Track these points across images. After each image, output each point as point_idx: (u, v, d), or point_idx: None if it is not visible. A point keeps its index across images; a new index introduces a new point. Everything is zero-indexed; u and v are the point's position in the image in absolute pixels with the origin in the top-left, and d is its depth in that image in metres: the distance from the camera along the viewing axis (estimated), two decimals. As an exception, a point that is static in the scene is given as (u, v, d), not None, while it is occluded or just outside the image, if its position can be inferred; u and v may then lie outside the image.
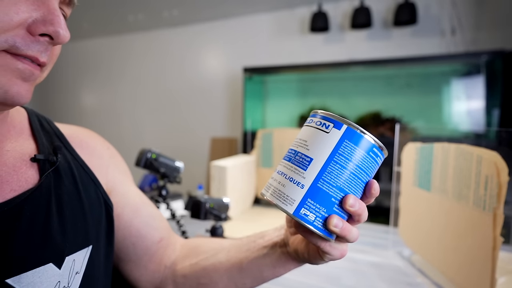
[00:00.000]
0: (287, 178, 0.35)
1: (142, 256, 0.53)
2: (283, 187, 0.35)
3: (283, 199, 0.35)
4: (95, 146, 0.52)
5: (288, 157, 0.37)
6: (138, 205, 0.54)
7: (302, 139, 0.36)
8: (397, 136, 0.97)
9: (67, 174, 0.44)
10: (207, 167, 3.31)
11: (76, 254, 0.41)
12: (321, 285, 0.81)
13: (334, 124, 0.35)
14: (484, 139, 1.89)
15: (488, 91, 2.15)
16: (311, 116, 0.38)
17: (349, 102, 2.72)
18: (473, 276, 0.66)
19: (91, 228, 0.44)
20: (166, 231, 0.57)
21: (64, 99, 4.33)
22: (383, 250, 1.03)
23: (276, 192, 0.35)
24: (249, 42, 3.12)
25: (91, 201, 0.46)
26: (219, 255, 0.50)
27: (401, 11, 2.31)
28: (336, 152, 0.34)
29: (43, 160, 0.42)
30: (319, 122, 0.36)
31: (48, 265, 0.38)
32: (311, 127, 0.36)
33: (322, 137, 0.35)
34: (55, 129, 0.48)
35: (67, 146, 0.47)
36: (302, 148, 0.35)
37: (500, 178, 0.59)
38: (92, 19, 3.31)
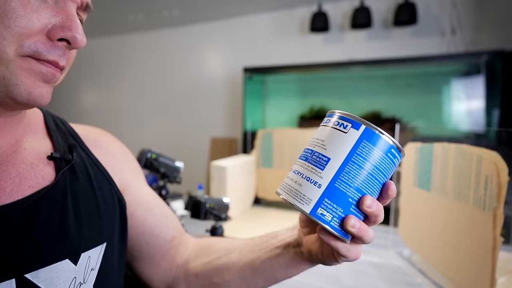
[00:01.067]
0: (304, 178, 0.35)
1: (155, 255, 0.54)
2: (299, 186, 0.35)
3: (299, 198, 0.35)
4: (108, 146, 0.54)
5: (304, 156, 0.37)
6: (151, 204, 0.55)
7: (319, 139, 0.36)
8: (397, 136, 0.97)
9: (82, 172, 0.45)
10: (207, 167, 3.31)
11: (91, 250, 0.42)
12: (321, 285, 0.81)
13: (352, 124, 0.35)
14: (484, 139, 1.89)
15: (488, 91, 2.15)
16: (328, 116, 0.38)
17: (349, 102, 2.72)
18: (473, 276, 0.66)
19: (105, 225, 0.45)
20: (178, 230, 0.58)
21: (64, 99, 4.33)
22: (383, 250, 1.03)
23: (293, 191, 0.35)
24: (249, 42, 3.12)
25: (106, 199, 0.47)
26: (231, 255, 0.51)
27: (401, 11, 2.31)
28: (354, 152, 0.34)
29: (59, 158, 0.43)
30: (337, 122, 0.35)
31: (65, 261, 0.39)
32: (328, 127, 0.36)
33: (340, 137, 0.35)
34: (70, 128, 0.50)
35: (81, 145, 0.48)
36: (320, 148, 0.35)
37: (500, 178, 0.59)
38: (92, 19, 3.31)
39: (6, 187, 0.38)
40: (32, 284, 0.36)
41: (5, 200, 0.37)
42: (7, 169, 0.39)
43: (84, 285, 0.41)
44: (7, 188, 0.38)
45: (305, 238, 0.44)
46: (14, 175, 0.39)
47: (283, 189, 0.37)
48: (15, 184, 0.38)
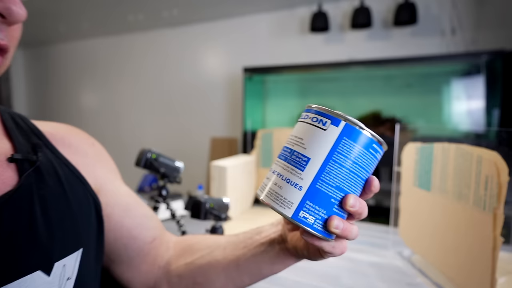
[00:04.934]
0: (284, 179, 0.33)
1: (135, 257, 0.51)
2: (279, 188, 0.33)
3: (280, 202, 0.33)
4: (78, 144, 0.49)
5: (283, 155, 0.34)
6: (130, 204, 0.52)
7: (298, 137, 0.34)
8: (397, 136, 0.97)
9: (50, 173, 0.40)
10: (207, 167, 3.31)
11: (67, 258, 0.38)
12: (321, 285, 0.81)
13: (331, 121, 0.33)
14: (484, 139, 1.89)
15: (488, 91, 2.15)
16: (306, 111, 0.35)
17: (349, 102, 2.72)
18: (473, 276, 0.66)
19: (81, 229, 0.42)
20: (159, 230, 0.55)
21: (63, 99, 4.33)
22: (383, 250, 1.02)
23: (273, 194, 0.33)
24: (249, 42, 3.12)
25: (79, 201, 0.42)
26: (215, 253, 0.49)
27: (401, 11, 2.31)
28: (334, 150, 0.32)
29: (21, 160, 0.38)
30: (315, 118, 0.33)
31: (36, 273, 0.35)
32: (306, 123, 0.34)
33: (319, 134, 0.33)
34: (32, 126, 0.44)
35: (47, 144, 0.43)
36: (298, 147, 0.33)
37: (500, 178, 0.59)
38: (92, 19, 3.31)
39: None
40: None
41: None
42: None
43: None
44: None
45: (290, 234, 0.43)
46: None
47: (262, 190, 0.35)
48: None
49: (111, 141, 3.91)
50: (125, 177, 0.59)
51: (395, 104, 2.58)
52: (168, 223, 1.23)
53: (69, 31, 3.69)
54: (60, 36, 3.95)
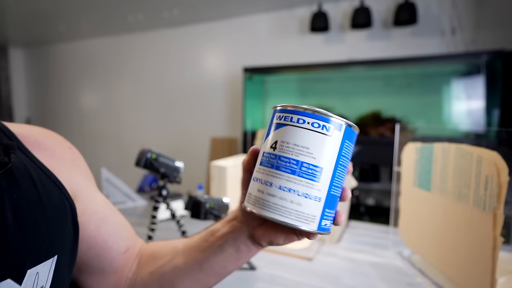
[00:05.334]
0: (301, 195, 0.32)
1: (106, 268, 0.49)
2: (299, 206, 0.32)
3: (304, 219, 0.32)
4: (54, 147, 0.46)
5: (288, 168, 0.32)
6: (106, 212, 0.49)
7: (303, 146, 0.32)
8: (397, 136, 0.97)
9: (24, 176, 0.38)
10: (207, 167, 3.31)
11: (40, 266, 0.36)
12: (321, 285, 0.81)
13: (334, 126, 0.32)
14: (484, 139, 1.89)
15: (488, 91, 2.15)
16: (297, 113, 0.33)
17: (349, 102, 2.73)
18: (473, 276, 0.66)
19: (56, 235, 0.39)
20: (132, 240, 0.53)
21: (64, 99, 4.33)
22: (383, 250, 1.03)
23: (293, 213, 0.32)
24: (249, 42, 3.12)
25: (55, 206, 0.40)
26: (176, 260, 0.48)
27: (401, 11, 2.31)
28: (340, 155, 0.33)
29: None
30: (318, 124, 0.32)
31: (5, 282, 0.33)
32: (307, 130, 0.32)
33: (326, 142, 0.32)
34: (4, 128, 0.41)
35: (20, 147, 0.41)
36: (306, 157, 0.32)
37: (500, 178, 0.59)
38: (92, 19, 3.31)
39: None
40: None
41: None
42: None
43: None
44: None
45: (257, 229, 0.41)
46: None
47: (277, 210, 0.32)
48: None
49: (111, 141, 3.91)
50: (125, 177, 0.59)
51: (395, 104, 2.58)
52: (168, 223, 1.23)
53: (69, 31, 3.69)
54: (60, 36, 3.95)
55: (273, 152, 0.33)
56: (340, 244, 1.08)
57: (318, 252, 1.01)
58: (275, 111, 0.35)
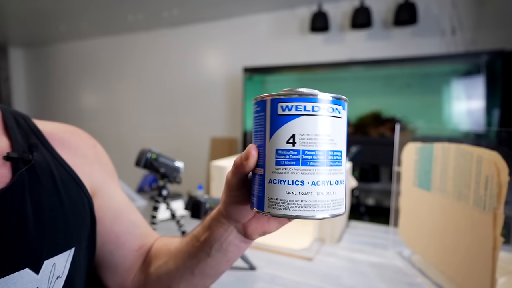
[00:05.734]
0: (333, 184, 0.31)
1: (119, 265, 0.50)
2: (333, 194, 0.31)
3: (338, 205, 0.32)
4: (78, 145, 0.49)
5: (317, 161, 0.31)
6: (121, 209, 0.51)
7: (324, 134, 0.31)
8: (397, 136, 0.97)
9: (45, 173, 0.41)
10: (207, 167, 3.31)
11: (57, 257, 0.39)
12: (321, 285, 0.81)
13: (342, 106, 0.33)
14: (484, 139, 1.89)
15: (488, 91, 2.15)
16: (311, 100, 0.31)
17: (349, 102, 2.71)
18: (473, 276, 0.66)
19: (73, 229, 0.42)
20: (146, 238, 0.53)
21: (64, 99, 4.33)
22: (383, 250, 1.02)
23: (330, 204, 0.31)
24: (249, 42, 3.12)
25: (73, 201, 0.43)
26: (169, 263, 0.47)
27: (401, 11, 2.31)
28: (346, 133, 0.34)
29: (16, 159, 0.39)
30: (331, 109, 0.31)
31: (24, 271, 0.35)
32: (325, 117, 0.31)
33: (341, 124, 0.32)
34: (33, 126, 0.45)
35: (45, 144, 0.44)
36: (329, 145, 0.31)
37: (500, 178, 0.59)
38: (92, 19, 3.31)
39: None
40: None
41: None
42: None
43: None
44: None
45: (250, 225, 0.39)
46: None
47: (316, 208, 0.31)
48: None
49: (111, 141, 3.91)
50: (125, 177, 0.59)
51: (395, 104, 2.58)
52: (168, 223, 1.23)
53: (69, 31, 3.69)
54: (60, 36, 3.95)
55: (294, 147, 0.31)
56: (340, 244, 1.08)
57: (318, 252, 1.01)
58: (275, 101, 0.32)
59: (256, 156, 0.33)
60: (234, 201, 0.36)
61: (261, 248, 1.02)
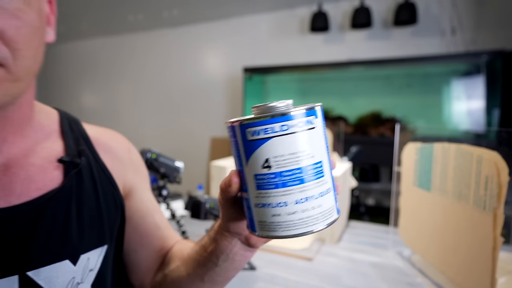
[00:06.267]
0: (318, 197, 0.31)
1: (140, 263, 0.54)
2: (321, 207, 0.31)
3: (328, 215, 0.32)
4: (117, 150, 0.54)
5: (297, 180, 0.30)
6: (148, 211, 0.55)
7: (300, 151, 0.30)
8: (397, 136, 0.97)
9: (88, 176, 0.46)
10: (207, 167, 3.31)
11: (91, 252, 0.44)
12: (321, 285, 0.81)
13: (315, 115, 0.31)
14: (484, 139, 1.89)
15: (488, 91, 2.15)
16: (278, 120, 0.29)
17: (349, 102, 2.72)
18: (473, 276, 0.66)
19: (106, 228, 0.47)
20: (169, 240, 0.56)
21: (63, 99, 4.33)
22: (383, 250, 1.02)
23: (319, 217, 0.31)
24: (249, 42, 3.12)
25: (108, 203, 0.48)
26: (181, 269, 0.48)
27: (401, 11, 2.31)
28: (325, 138, 0.32)
29: (68, 162, 0.45)
30: (302, 123, 0.30)
31: (64, 262, 0.41)
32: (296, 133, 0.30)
33: (315, 135, 0.31)
34: (82, 131, 0.51)
35: (91, 149, 0.49)
36: (308, 160, 0.30)
37: (500, 178, 0.59)
38: (92, 19, 3.31)
39: (16, 188, 0.40)
40: (33, 282, 0.38)
41: (14, 201, 0.40)
42: (17, 172, 0.41)
43: (82, 284, 0.43)
44: (17, 189, 0.40)
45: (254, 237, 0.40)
46: (23, 177, 0.41)
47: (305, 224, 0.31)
48: (24, 186, 0.41)
49: (111, 141, 3.91)
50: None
51: (395, 104, 2.58)
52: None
53: (69, 31, 3.69)
54: (60, 36, 3.95)
55: (270, 171, 0.30)
56: (340, 244, 1.08)
57: (318, 252, 1.01)
58: (243, 127, 0.30)
59: (238, 182, 0.33)
60: (230, 218, 0.37)
61: (261, 248, 1.02)
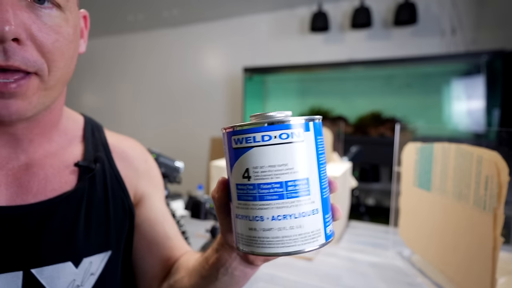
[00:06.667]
0: (299, 216, 0.28)
1: (147, 271, 0.54)
2: (301, 228, 0.29)
3: (310, 239, 0.29)
4: (134, 159, 0.55)
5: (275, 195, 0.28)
6: (158, 220, 0.55)
7: (280, 164, 0.28)
8: (397, 136, 0.97)
9: (101, 182, 0.48)
10: (207, 167, 3.31)
11: (94, 257, 0.45)
12: (321, 285, 0.81)
13: (303, 128, 0.29)
14: (484, 139, 1.89)
15: (488, 91, 2.15)
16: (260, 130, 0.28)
17: (349, 102, 2.72)
18: (473, 276, 0.66)
19: (113, 234, 0.48)
20: (177, 251, 0.55)
21: (64, 99, 4.33)
22: (383, 250, 1.02)
23: (298, 239, 0.28)
24: (249, 42, 3.12)
25: (117, 209, 0.49)
26: (185, 280, 0.48)
27: (401, 11, 2.31)
28: (318, 154, 0.30)
29: (84, 167, 0.47)
30: (286, 135, 0.28)
31: (67, 263, 0.42)
32: (277, 145, 0.28)
33: (300, 149, 0.29)
34: (103, 138, 0.53)
35: (108, 156, 0.51)
36: (289, 175, 0.28)
37: (500, 178, 0.59)
38: (92, 19, 3.30)
39: (34, 187, 0.42)
40: (36, 279, 0.40)
41: (31, 199, 0.42)
42: (37, 172, 0.43)
43: (81, 287, 0.44)
44: (34, 188, 0.42)
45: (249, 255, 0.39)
46: (42, 177, 0.43)
47: (280, 244, 0.29)
48: (41, 186, 0.43)
49: (111, 141, 3.91)
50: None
51: (395, 104, 2.58)
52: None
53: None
54: (60, 36, 3.95)
55: (249, 182, 0.29)
56: (340, 244, 1.08)
57: (318, 252, 1.01)
58: (229, 134, 0.30)
59: (223, 190, 0.33)
60: (226, 229, 0.36)
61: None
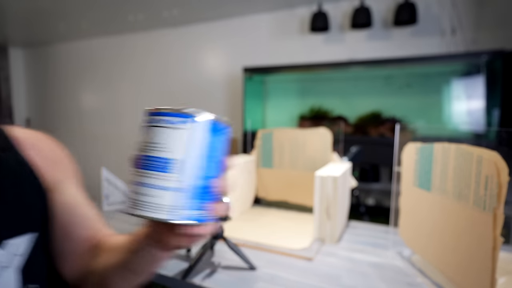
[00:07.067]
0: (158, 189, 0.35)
1: (69, 253, 0.57)
2: (160, 198, 0.35)
3: (163, 210, 0.34)
4: (43, 148, 0.59)
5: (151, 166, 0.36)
6: (75, 204, 0.59)
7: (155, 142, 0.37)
8: (397, 136, 0.97)
9: (10, 168, 0.51)
10: (207, 167, 3.31)
11: (18, 239, 0.48)
12: (321, 285, 0.81)
13: (191, 120, 0.37)
14: (484, 139, 1.89)
15: (488, 91, 2.15)
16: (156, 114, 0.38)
17: (349, 102, 2.72)
18: (473, 276, 0.66)
19: (34, 217, 0.52)
20: (96, 231, 0.60)
21: (64, 99, 4.32)
22: (383, 250, 1.03)
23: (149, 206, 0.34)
24: (249, 42, 3.12)
25: (32, 194, 0.52)
26: (106, 258, 0.54)
27: (401, 11, 2.31)
28: (201, 145, 0.37)
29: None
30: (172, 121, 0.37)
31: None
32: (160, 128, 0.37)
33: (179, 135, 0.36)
34: (6, 133, 0.55)
35: (16, 147, 0.54)
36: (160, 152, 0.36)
37: (500, 178, 0.59)
38: (92, 19, 3.31)
39: None
40: None
41: None
42: None
43: (7, 269, 0.47)
44: None
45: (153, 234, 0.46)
46: None
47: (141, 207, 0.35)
48: None
49: (111, 140, 3.91)
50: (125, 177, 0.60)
51: (395, 104, 2.58)
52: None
53: (69, 31, 3.69)
54: (60, 36, 3.95)
55: (138, 153, 0.38)
56: (340, 244, 1.08)
57: (318, 252, 1.01)
58: (143, 115, 0.39)
59: None
60: None
61: (261, 248, 1.02)
